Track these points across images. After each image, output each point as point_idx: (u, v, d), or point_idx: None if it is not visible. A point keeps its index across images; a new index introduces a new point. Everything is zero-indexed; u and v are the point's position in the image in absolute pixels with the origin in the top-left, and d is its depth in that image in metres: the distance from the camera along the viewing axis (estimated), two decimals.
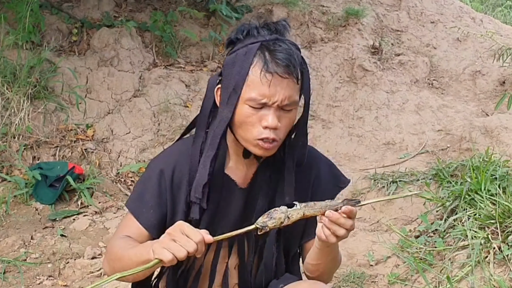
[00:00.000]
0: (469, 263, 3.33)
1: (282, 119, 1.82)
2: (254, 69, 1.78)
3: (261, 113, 1.80)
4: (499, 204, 3.48)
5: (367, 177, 4.55)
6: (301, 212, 1.72)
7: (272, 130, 1.80)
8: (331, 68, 5.89)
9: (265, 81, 1.76)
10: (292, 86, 1.80)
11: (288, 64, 1.77)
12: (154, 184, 1.94)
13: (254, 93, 1.78)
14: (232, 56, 1.85)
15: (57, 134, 4.73)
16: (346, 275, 3.63)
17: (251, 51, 1.80)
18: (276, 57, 1.77)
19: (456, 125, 5.20)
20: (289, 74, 1.78)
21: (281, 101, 1.79)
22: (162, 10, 5.91)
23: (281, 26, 1.88)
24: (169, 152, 2.03)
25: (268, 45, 1.81)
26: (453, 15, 6.94)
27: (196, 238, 1.60)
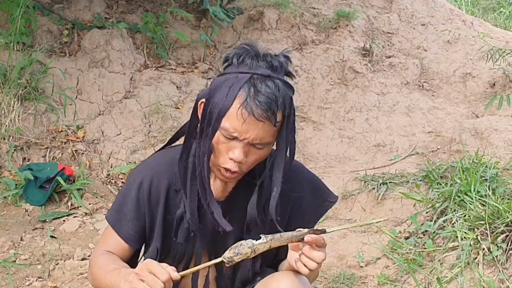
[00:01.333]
0: (458, 264, 3.35)
1: (250, 154, 1.83)
2: (236, 101, 1.77)
3: (231, 144, 1.81)
4: (489, 205, 3.49)
5: (358, 178, 4.56)
6: (267, 245, 1.74)
7: (236, 163, 1.82)
8: (322, 70, 5.90)
9: (240, 117, 1.76)
10: (267, 129, 1.79)
11: (267, 108, 1.75)
12: (132, 197, 1.96)
13: (228, 124, 1.78)
14: (222, 79, 1.84)
15: (47, 135, 4.73)
16: (336, 276, 3.63)
17: (239, 82, 1.79)
18: (258, 98, 1.76)
19: (446, 127, 5.22)
20: (266, 119, 1.76)
21: (252, 140, 1.79)
22: (153, 11, 5.90)
23: (277, 62, 1.84)
24: (148, 163, 2.05)
25: (256, 81, 1.78)
26: (444, 17, 6.96)
27: (163, 277, 1.64)
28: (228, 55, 1.88)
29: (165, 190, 1.96)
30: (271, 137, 1.83)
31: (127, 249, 1.98)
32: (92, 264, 1.95)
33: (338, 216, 4.31)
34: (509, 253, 3.29)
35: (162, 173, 1.97)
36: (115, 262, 1.88)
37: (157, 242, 1.96)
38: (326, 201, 2.08)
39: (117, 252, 1.97)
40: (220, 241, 1.99)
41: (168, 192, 1.96)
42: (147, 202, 1.95)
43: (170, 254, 2.00)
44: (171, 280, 1.66)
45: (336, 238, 4.05)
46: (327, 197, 2.09)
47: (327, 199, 2.08)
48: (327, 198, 2.09)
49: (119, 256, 1.96)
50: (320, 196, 2.08)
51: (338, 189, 4.47)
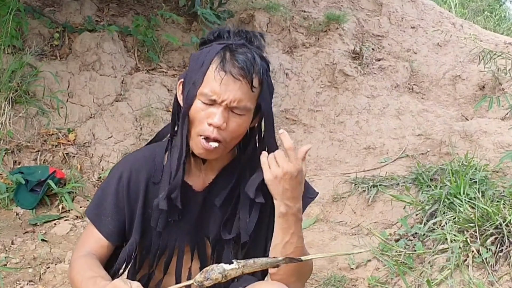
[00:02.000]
0: (448, 266, 3.36)
1: (230, 121, 1.83)
2: (212, 65, 1.80)
3: (209, 110, 1.81)
4: (478, 207, 3.51)
5: (348, 181, 4.58)
6: (239, 271, 1.72)
7: (216, 129, 1.81)
8: (312, 73, 5.92)
9: (218, 78, 1.78)
10: (244, 90, 1.80)
11: (243, 67, 1.78)
12: (112, 191, 1.95)
13: (206, 88, 1.80)
14: (197, 53, 1.88)
15: (38, 139, 4.72)
16: (327, 278, 3.64)
17: (214, 49, 1.82)
18: (235, 58, 1.79)
19: (436, 129, 5.24)
20: (243, 77, 1.78)
21: (230, 102, 1.79)
22: (144, 14, 5.90)
23: (252, 35, 1.88)
24: (127, 159, 2.05)
25: (232, 47, 1.82)
26: (434, 20, 7.00)
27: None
28: (206, 35, 1.92)
29: (144, 184, 1.96)
30: (249, 102, 1.83)
31: (107, 245, 1.96)
32: (72, 266, 1.93)
33: (329, 219, 4.32)
34: (499, 256, 3.31)
35: (141, 167, 1.97)
36: (92, 269, 1.86)
37: (136, 235, 1.96)
38: (306, 197, 2.04)
39: (97, 250, 1.95)
40: (201, 232, 2.00)
41: (147, 186, 1.96)
42: (126, 196, 1.94)
43: (151, 249, 2.00)
44: None
45: (327, 241, 4.06)
46: (306, 193, 2.05)
47: (307, 195, 2.05)
48: (306, 194, 2.04)
49: (99, 253, 1.95)
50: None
51: (328, 192, 4.49)
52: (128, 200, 1.95)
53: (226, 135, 1.84)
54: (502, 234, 3.32)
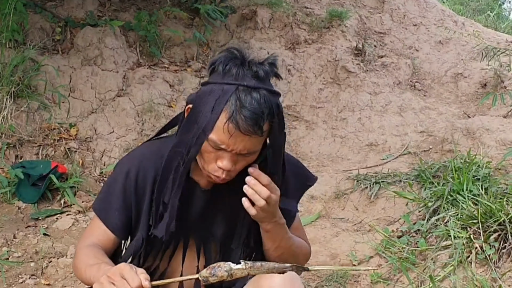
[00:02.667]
0: (451, 262, 3.36)
1: (239, 161, 1.85)
2: (221, 115, 1.78)
3: (219, 153, 1.83)
4: (481, 204, 3.51)
5: (350, 177, 4.57)
6: (245, 272, 1.73)
7: (225, 171, 1.84)
8: (315, 69, 5.91)
9: (226, 131, 1.77)
10: (254, 141, 1.81)
11: (253, 124, 1.76)
12: (119, 186, 1.95)
13: (215, 136, 1.79)
14: (208, 90, 1.83)
15: (40, 133, 4.72)
16: (329, 274, 3.64)
17: (225, 95, 1.79)
18: (243, 113, 1.76)
19: (438, 126, 5.24)
20: (252, 133, 1.78)
21: (240, 151, 1.81)
22: (146, 9, 5.90)
23: (262, 72, 1.83)
24: (135, 154, 2.04)
25: (241, 93, 1.78)
26: (436, 18, 6.99)
27: (133, 283, 1.64)
28: (215, 62, 1.87)
29: (152, 181, 1.96)
30: (259, 145, 1.86)
31: (113, 239, 1.97)
32: (76, 255, 1.95)
33: (331, 215, 4.32)
34: (502, 252, 3.30)
35: (148, 163, 1.97)
36: (97, 256, 1.87)
37: (143, 231, 1.96)
38: (305, 184, 2.13)
39: (103, 243, 1.96)
40: (207, 229, 2.02)
41: (155, 183, 1.96)
42: (134, 193, 1.95)
43: (156, 243, 2.00)
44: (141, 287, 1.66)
45: (329, 237, 4.06)
46: (306, 180, 2.14)
47: (307, 182, 2.14)
48: (306, 181, 2.14)
49: (104, 246, 1.96)
50: (301, 179, 2.13)
51: (331, 188, 4.49)
52: (135, 197, 1.95)
53: (233, 174, 1.89)
54: (506, 231, 3.31)
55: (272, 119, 1.83)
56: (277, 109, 1.85)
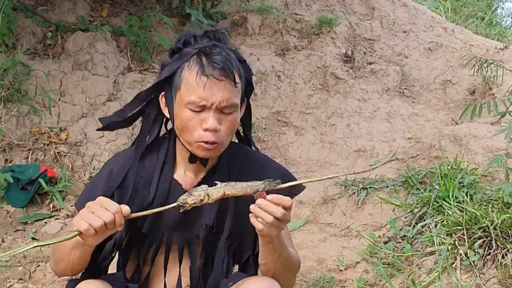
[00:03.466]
0: (436, 268, 3.39)
1: (223, 122, 1.87)
2: (192, 73, 1.83)
3: (201, 116, 1.85)
4: (466, 211, 3.55)
5: (338, 183, 4.59)
6: (221, 191, 1.74)
7: (212, 133, 1.85)
8: (304, 75, 5.94)
9: (201, 84, 1.81)
10: (230, 88, 1.84)
11: (223, 67, 1.82)
12: (102, 185, 1.98)
13: (193, 96, 1.82)
14: (169, 62, 1.91)
15: (30, 137, 4.72)
16: (316, 279, 3.67)
17: (187, 54, 1.86)
18: (212, 60, 1.82)
19: (426, 133, 5.28)
20: (225, 77, 1.82)
21: (219, 103, 1.83)
22: (137, 15, 5.91)
23: (220, 34, 1.93)
24: (119, 154, 2.10)
25: (205, 50, 1.85)
26: (425, 25, 7.03)
27: (113, 209, 1.68)
28: (172, 45, 1.96)
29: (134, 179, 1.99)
30: (236, 98, 1.88)
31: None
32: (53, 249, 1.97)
33: (319, 220, 4.34)
34: (486, 259, 3.34)
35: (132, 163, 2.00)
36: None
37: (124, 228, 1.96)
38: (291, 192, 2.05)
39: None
40: (191, 230, 2.03)
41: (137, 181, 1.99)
42: (117, 191, 1.97)
43: (138, 240, 2.02)
44: (121, 213, 1.70)
45: (316, 242, 4.08)
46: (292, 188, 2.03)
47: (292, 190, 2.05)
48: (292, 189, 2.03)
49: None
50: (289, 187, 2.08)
51: (319, 194, 4.51)
52: (118, 195, 1.96)
53: (222, 136, 1.88)
54: (490, 238, 3.35)
55: (240, 70, 1.89)
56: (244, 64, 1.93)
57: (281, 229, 1.81)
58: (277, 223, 1.75)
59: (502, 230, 3.35)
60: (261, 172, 2.02)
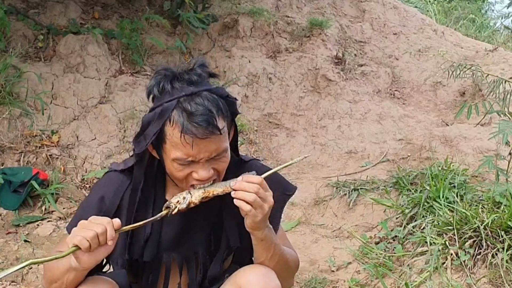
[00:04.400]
0: (427, 268, 3.41)
1: (216, 164, 1.89)
2: (175, 131, 1.81)
3: (191, 166, 1.86)
4: (457, 211, 3.57)
5: (330, 184, 4.61)
6: (201, 190, 1.84)
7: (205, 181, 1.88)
8: (296, 77, 5.96)
9: (186, 144, 1.80)
10: (216, 140, 1.84)
11: (206, 125, 1.79)
12: (93, 209, 1.98)
13: (179, 153, 1.83)
14: (150, 115, 1.88)
15: (21, 140, 4.72)
16: (308, 280, 3.68)
17: (167, 110, 1.83)
18: (193, 120, 1.79)
19: (416, 134, 5.30)
20: (210, 134, 1.81)
21: (208, 156, 1.84)
22: (128, 17, 5.92)
23: (194, 76, 1.88)
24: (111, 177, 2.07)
25: (184, 103, 1.82)
26: (415, 27, 7.06)
27: (104, 221, 1.72)
28: (149, 88, 1.91)
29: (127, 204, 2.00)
30: (224, 143, 1.88)
31: None
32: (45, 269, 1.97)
33: (311, 222, 4.36)
34: (477, 258, 3.36)
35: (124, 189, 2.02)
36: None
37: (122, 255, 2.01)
38: (284, 194, 2.12)
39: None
40: (189, 247, 2.05)
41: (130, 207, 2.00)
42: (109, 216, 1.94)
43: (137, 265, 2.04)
44: (111, 225, 1.72)
45: (308, 243, 4.10)
46: (285, 190, 2.13)
47: (285, 192, 2.13)
48: (285, 191, 2.13)
49: None
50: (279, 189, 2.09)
51: (310, 195, 4.53)
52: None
53: (217, 174, 1.92)
54: (480, 237, 3.37)
55: (223, 114, 1.87)
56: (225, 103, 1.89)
57: (265, 213, 1.84)
58: (258, 202, 1.81)
59: (492, 230, 3.37)
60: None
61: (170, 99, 1.84)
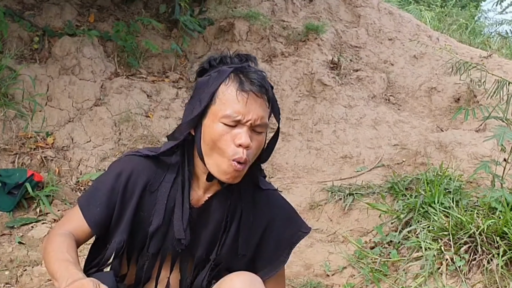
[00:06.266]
0: (422, 274, 3.42)
1: (253, 140, 1.86)
2: (230, 88, 1.84)
3: (234, 131, 1.84)
4: (452, 216, 3.58)
5: (325, 189, 4.62)
6: None
7: (245, 150, 1.83)
8: (291, 82, 5.97)
9: (241, 98, 1.82)
10: (264, 107, 1.86)
11: (262, 84, 1.85)
12: (108, 184, 1.98)
13: (229, 110, 1.82)
14: (205, 78, 1.91)
15: (16, 141, 4.71)
16: (303, 284, 3.68)
17: (224, 72, 1.87)
18: (250, 77, 1.85)
19: (411, 140, 5.32)
20: (263, 94, 1.85)
21: (254, 121, 1.84)
22: (124, 20, 5.92)
23: (251, 57, 1.96)
24: (131, 158, 2.05)
25: (242, 68, 1.88)
26: (410, 33, 7.09)
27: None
28: (203, 62, 1.96)
29: (142, 187, 1.98)
30: (267, 118, 1.89)
31: (88, 232, 1.99)
32: (49, 239, 1.96)
33: None
34: (472, 264, 3.37)
35: (142, 170, 1.99)
36: (68, 251, 1.88)
37: (124, 234, 1.98)
38: (299, 231, 2.09)
39: (77, 233, 1.97)
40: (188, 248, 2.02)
41: (144, 190, 1.98)
42: (121, 194, 1.97)
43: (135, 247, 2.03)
44: None
45: (303, 247, 4.10)
46: (300, 228, 2.09)
47: (300, 230, 2.09)
48: (300, 228, 2.09)
49: (78, 236, 1.97)
50: (293, 226, 2.08)
51: (305, 200, 4.54)
52: (121, 198, 1.97)
53: (251, 155, 1.88)
54: (476, 243, 3.38)
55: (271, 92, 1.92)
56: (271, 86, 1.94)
57: None
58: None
59: (487, 236, 3.38)
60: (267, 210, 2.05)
61: (226, 68, 1.89)
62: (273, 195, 2.10)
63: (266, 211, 2.04)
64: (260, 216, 2.04)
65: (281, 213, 2.07)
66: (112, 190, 1.97)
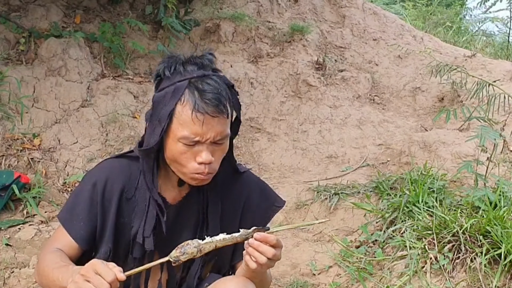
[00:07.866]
0: (407, 272, 3.46)
1: (216, 152, 1.90)
2: (185, 108, 1.84)
3: (194, 149, 1.87)
4: (436, 215, 3.63)
5: (311, 189, 4.65)
6: (212, 245, 1.80)
7: (206, 165, 1.88)
8: (277, 82, 5.99)
9: (197, 121, 1.83)
10: (223, 122, 1.87)
11: (217, 103, 1.84)
12: (85, 197, 1.99)
13: (186, 131, 1.84)
14: (161, 94, 1.91)
15: (3, 143, 4.70)
16: (289, 284, 3.72)
17: (179, 89, 1.87)
18: (205, 97, 1.84)
19: (396, 139, 5.35)
20: (220, 113, 1.85)
21: (214, 138, 1.86)
22: (110, 21, 5.92)
23: (206, 60, 1.94)
24: (103, 165, 2.08)
25: (196, 83, 1.87)
26: (395, 33, 7.12)
27: (108, 278, 1.67)
28: (158, 70, 1.95)
29: (119, 194, 2.00)
30: (228, 129, 1.92)
31: (76, 248, 2.00)
32: (40, 260, 1.97)
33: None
34: (456, 262, 3.42)
35: (116, 177, 2.02)
36: (63, 260, 1.90)
37: (109, 243, 2.01)
38: (273, 205, 2.16)
39: (67, 251, 1.99)
40: (171, 244, 2.06)
41: (121, 197, 2.01)
42: (100, 204, 1.99)
43: (120, 255, 2.05)
44: (117, 281, 1.69)
45: (290, 247, 4.13)
46: (274, 201, 2.17)
47: (274, 204, 2.16)
48: (274, 202, 2.17)
49: (68, 254, 1.98)
50: (267, 199, 2.16)
51: (291, 199, 4.56)
52: (101, 209, 1.99)
53: (214, 165, 1.92)
54: (459, 242, 3.43)
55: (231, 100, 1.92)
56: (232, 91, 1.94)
57: (271, 267, 1.88)
58: (269, 263, 1.82)
59: (470, 235, 3.43)
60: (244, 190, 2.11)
61: (182, 79, 1.88)
62: (247, 176, 2.16)
63: (243, 192, 2.10)
64: (238, 198, 2.09)
65: (256, 188, 2.13)
66: (91, 202, 1.99)
